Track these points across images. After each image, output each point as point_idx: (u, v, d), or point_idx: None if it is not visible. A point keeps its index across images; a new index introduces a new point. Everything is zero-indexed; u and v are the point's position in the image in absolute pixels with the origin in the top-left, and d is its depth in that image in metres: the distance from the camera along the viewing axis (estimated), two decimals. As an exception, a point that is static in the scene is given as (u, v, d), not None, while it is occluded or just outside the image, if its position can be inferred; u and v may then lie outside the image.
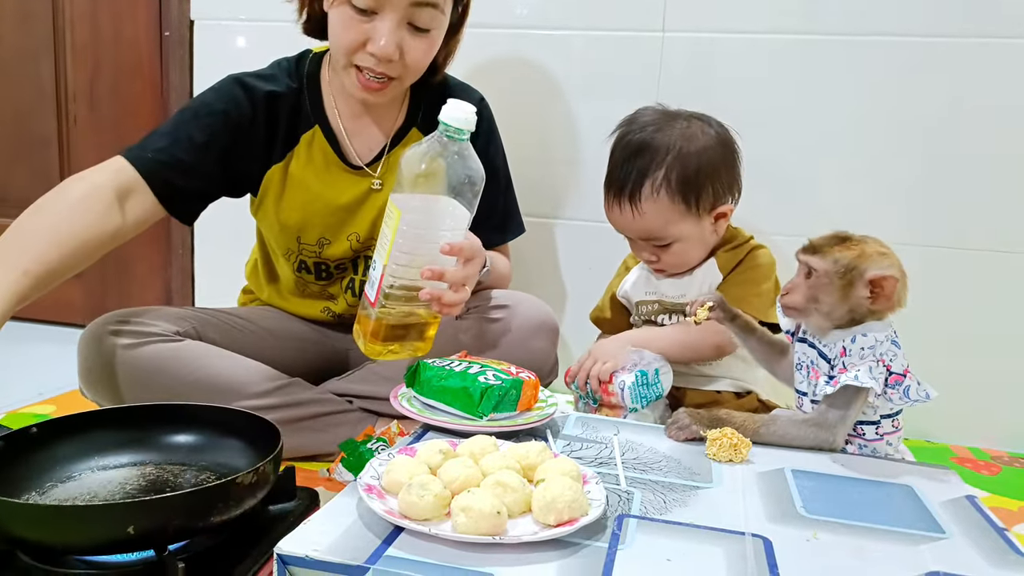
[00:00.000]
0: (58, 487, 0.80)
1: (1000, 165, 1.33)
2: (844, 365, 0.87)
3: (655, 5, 1.43)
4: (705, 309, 0.96)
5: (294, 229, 1.19)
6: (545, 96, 1.46)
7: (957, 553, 0.67)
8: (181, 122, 1.11)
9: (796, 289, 0.90)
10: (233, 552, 0.73)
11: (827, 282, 0.87)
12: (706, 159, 1.13)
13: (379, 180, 1.19)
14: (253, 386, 1.07)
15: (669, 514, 0.71)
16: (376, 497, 0.67)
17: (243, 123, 1.13)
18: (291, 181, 1.17)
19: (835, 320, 0.89)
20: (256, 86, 1.14)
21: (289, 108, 1.16)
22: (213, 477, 0.84)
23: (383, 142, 1.20)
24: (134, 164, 1.06)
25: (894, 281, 0.85)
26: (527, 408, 0.92)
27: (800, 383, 0.94)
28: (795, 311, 0.91)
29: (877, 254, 0.87)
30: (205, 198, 1.15)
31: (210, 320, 1.17)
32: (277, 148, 1.16)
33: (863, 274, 0.86)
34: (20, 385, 1.45)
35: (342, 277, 1.25)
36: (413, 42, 1.07)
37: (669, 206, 1.13)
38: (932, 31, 1.32)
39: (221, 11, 1.64)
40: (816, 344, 0.92)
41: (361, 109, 1.19)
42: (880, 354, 0.86)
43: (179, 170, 1.08)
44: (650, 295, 1.25)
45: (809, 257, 0.89)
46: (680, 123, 1.16)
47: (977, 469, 1.29)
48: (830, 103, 1.38)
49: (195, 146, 1.09)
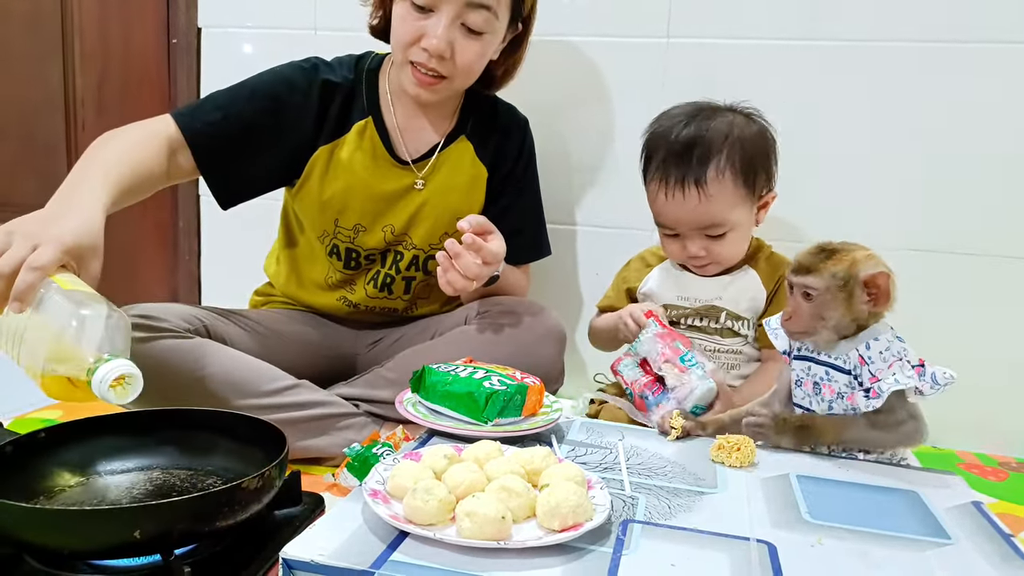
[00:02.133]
0: (66, 492, 0.81)
1: (1004, 169, 1.33)
2: (872, 374, 0.87)
3: (659, 12, 1.43)
4: (677, 418, 0.94)
5: (334, 209, 1.22)
6: (547, 103, 1.47)
7: (963, 559, 0.67)
8: (237, 97, 1.15)
9: (799, 313, 0.90)
10: (238, 556, 0.73)
11: (830, 298, 0.87)
12: (760, 145, 1.18)
13: (422, 180, 1.23)
14: (261, 385, 1.08)
15: (674, 519, 0.71)
16: (381, 502, 0.68)
17: (295, 109, 1.17)
18: (336, 163, 1.21)
19: (841, 332, 0.89)
20: (315, 73, 1.20)
21: (343, 98, 1.21)
22: (219, 482, 0.84)
23: (432, 144, 1.25)
24: (183, 130, 1.10)
25: (887, 277, 0.86)
26: (532, 413, 0.93)
27: (802, 399, 0.94)
28: (804, 335, 0.90)
29: (865, 257, 0.87)
30: (245, 180, 1.18)
31: (219, 320, 1.18)
32: (325, 132, 1.20)
33: (859, 280, 0.86)
34: (28, 390, 1.45)
35: (369, 268, 1.27)
36: (465, 43, 1.12)
37: (733, 189, 1.15)
38: (936, 36, 1.32)
39: (228, 19, 1.65)
40: (825, 359, 0.91)
41: (415, 110, 1.23)
42: (897, 352, 0.87)
43: (225, 145, 1.13)
44: (682, 300, 1.24)
45: (804, 279, 0.88)
46: (724, 113, 1.19)
47: (984, 475, 1.28)
48: (834, 109, 1.38)
49: (244, 125, 1.14)
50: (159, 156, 1.06)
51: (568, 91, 1.50)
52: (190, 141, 1.10)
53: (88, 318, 0.75)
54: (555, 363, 1.19)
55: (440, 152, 1.24)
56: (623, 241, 1.46)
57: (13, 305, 0.76)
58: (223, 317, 1.20)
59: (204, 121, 1.12)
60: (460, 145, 1.26)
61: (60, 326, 0.75)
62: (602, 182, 1.52)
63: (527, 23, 1.23)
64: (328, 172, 1.21)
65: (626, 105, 1.47)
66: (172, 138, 1.09)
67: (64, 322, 0.75)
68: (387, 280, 1.28)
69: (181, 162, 1.10)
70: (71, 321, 0.75)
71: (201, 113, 1.13)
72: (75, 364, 0.73)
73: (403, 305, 1.32)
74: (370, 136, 1.21)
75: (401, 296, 1.30)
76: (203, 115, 1.13)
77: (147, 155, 1.04)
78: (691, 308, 1.23)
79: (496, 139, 1.29)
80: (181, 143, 1.10)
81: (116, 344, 0.75)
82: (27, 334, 0.77)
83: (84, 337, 0.74)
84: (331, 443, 1.11)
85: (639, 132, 1.25)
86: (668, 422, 0.94)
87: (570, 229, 1.54)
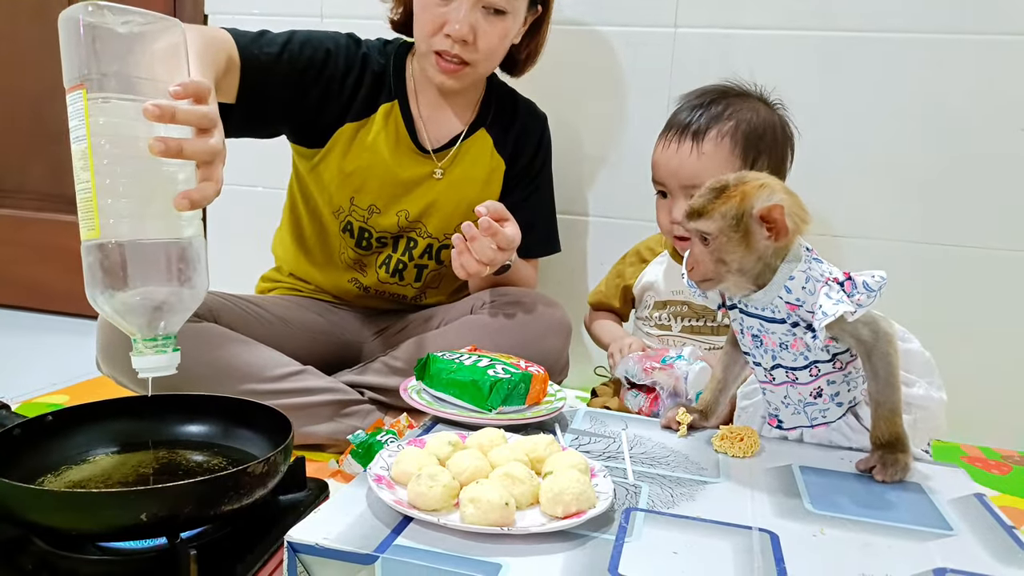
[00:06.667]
0: (72, 469, 0.81)
1: (1012, 163, 1.32)
2: (811, 311, 0.81)
3: (667, 1, 1.42)
4: (684, 415, 0.92)
5: (352, 187, 1.23)
6: (554, 92, 1.46)
7: (965, 550, 0.67)
8: (292, 40, 1.16)
9: (699, 260, 0.84)
10: (244, 540, 0.73)
11: (725, 240, 0.81)
12: (771, 132, 1.18)
13: (441, 169, 1.25)
14: (267, 371, 1.09)
15: (676, 508, 0.71)
16: (386, 487, 0.68)
17: (338, 72, 1.19)
18: (360, 142, 1.22)
19: (751, 275, 0.83)
20: (357, 47, 1.22)
21: (373, 79, 1.22)
22: (226, 463, 0.85)
23: (453, 135, 1.26)
24: (242, 52, 1.09)
25: (780, 209, 0.78)
26: (536, 402, 0.93)
27: (747, 350, 0.90)
28: (709, 282, 0.85)
29: (756, 188, 0.80)
30: (263, 119, 1.17)
31: (226, 305, 1.18)
32: (355, 109, 1.21)
33: (754, 215, 0.79)
34: (35, 374, 1.46)
35: (380, 251, 1.28)
36: (487, 25, 1.14)
37: (728, 156, 1.15)
38: (948, 27, 1.31)
39: (235, 5, 1.65)
40: (755, 311, 0.86)
41: (439, 100, 1.25)
42: (819, 276, 0.81)
43: (271, 80, 1.12)
44: (678, 295, 1.24)
45: (696, 223, 0.82)
46: (752, 100, 1.20)
47: (988, 468, 1.28)
48: (843, 100, 1.38)
49: (295, 67, 1.15)
50: (222, 68, 1.03)
51: (574, 80, 1.50)
52: (244, 66, 1.09)
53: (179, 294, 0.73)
54: (560, 355, 1.20)
55: (461, 143, 1.25)
56: (629, 232, 1.46)
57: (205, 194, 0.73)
58: (229, 302, 1.20)
59: (264, 51, 1.12)
60: (480, 137, 1.27)
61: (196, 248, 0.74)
62: (607, 172, 1.52)
63: (547, 4, 1.24)
64: (351, 149, 1.22)
65: (632, 95, 1.47)
66: (232, 58, 1.08)
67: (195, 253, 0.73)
68: (399, 266, 1.28)
69: (229, 83, 1.08)
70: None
71: (261, 43, 1.12)
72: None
73: (413, 292, 1.32)
74: (395, 121, 1.23)
75: (412, 283, 1.31)
76: (263, 45, 1.12)
77: (218, 65, 1.02)
78: (689, 308, 1.22)
79: (515, 133, 1.30)
80: (236, 65, 1.09)
81: (172, 325, 0.74)
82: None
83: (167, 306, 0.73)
84: (336, 429, 1.11)
85: (645, 121, 1.26)
86: (674, 421, 0.94)
87: (573, 219, 1.54)
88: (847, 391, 0.88)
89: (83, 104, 0.68)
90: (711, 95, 1.20)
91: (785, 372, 0.87)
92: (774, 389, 0.90)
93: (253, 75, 1.10)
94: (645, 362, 1.13)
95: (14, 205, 1.91)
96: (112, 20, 0.68)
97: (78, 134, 0.68)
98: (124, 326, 0.73)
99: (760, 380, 0.91)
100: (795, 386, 0.88)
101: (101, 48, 0.68)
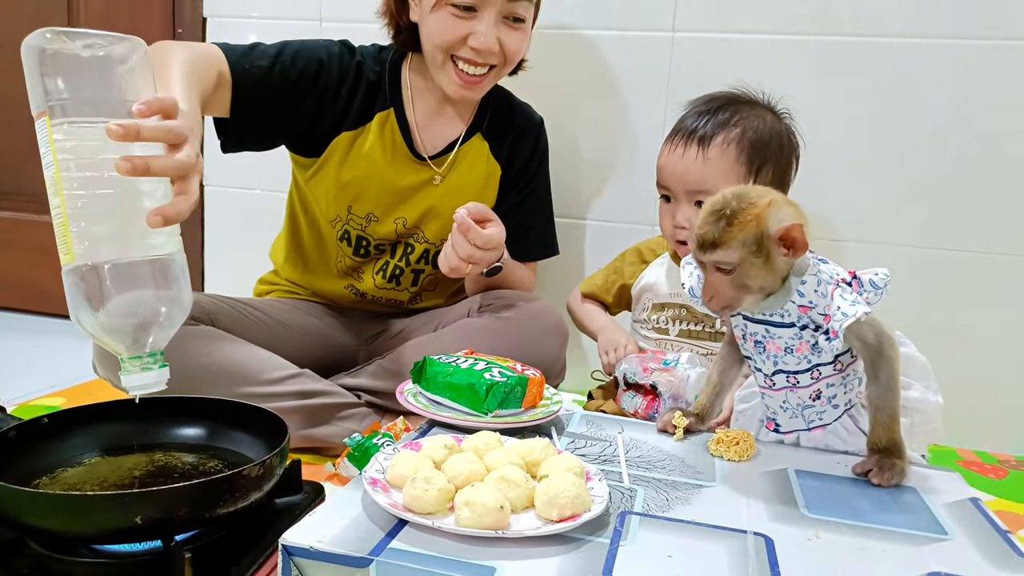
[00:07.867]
0: (67, 472, 0.81)
1: (1010, 167, 1.33)
2: (824, 314, 0.81)
3: (665, 5, 1.43)
4: (680, 419, 0.92)
5: (349, 196, 1.23)
6: (553, 95, 1.46)
7: (960, 554, 0.67)
8: (284, 52, 1.15)
9: (719, 289, 0.82)
10: (239, 543, 0.73)
11: (748, 267, 0.79)
12: (780, 140, 1.18)
13: (440, 175, 1.25)
14: (264, 374, 1.09)
15: (672, 512, 0.71)
16: (381, 490, 0.68)
17: (332, 81, 1.19)
18: (357, 151, 1.22)
19: (769, 291, 0.82)
20: (351, 55, 1.22)
21: (368, 86, 1.22)
22: (221, 466, 0.85)
23: (449, 141, 1.26)
24: (233, 67, 1.09)
25: (800, 227, 0.78)
26: (532, 405, 0.93)
27: (748, 354, 0.90)
28: (731, 308, 0.83)
29: (766, 208, 0.79)
30: (260, 132, 1.17)
31: (223, 308, 1.19)
32: (351, 117, 1.21)
33: (773, 237, 0.79)
34: (32, 377, 1.46)
35: (378, 258, 1.28)
36: (510, 34, 1.16)
37: (734, 163, 1.15)
38: (944, 32, 1.32)
39: (234, 8, 1.65)
40: (760, 317, 0.85)
41: (435, 107, 1.25)
42: (829, 278, 0.81)
43: (263, 94, 1.12)
44: (676, 297, 1.24)
45: (714, 255, 0.80)
46: (762, 105, 1.21)
47: (984, 473, 1.28)
48: (842, 104, 1.38)
49: (287, 80, 1.15)
50: (211, 83, 1.04)
51: (572, 84, 1.50)
52: (236, 80, 1.09)
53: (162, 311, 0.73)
54: (557, 358, 1.20)
55: (457, 149, 1.26)
56: (626, 235, 1.46)
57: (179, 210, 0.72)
58: (226, 305, 1.20)
59: (255, 65, 1.12)
60: (476, 143, 1.28)
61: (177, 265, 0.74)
62: (605, 175, 1.52)
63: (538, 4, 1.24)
64: (348, 159, 1.22)
65: (631, 99, 1.47)
66: (222, 73, 1.08)
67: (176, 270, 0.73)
68: (396, 271, 1.28)
69: (220, 98, 1.09)
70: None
71: (252, 56, 1.12)
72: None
73: (408, 297, 1.32)
74: (391, 128, 1.23)
75: (408, 288, 1.31)
76: (254, 59, 1.12)
77: (206, 80, 1.02)
78: (688, 312, 1.22)
79: (511, 138, 1.30)
80: (227, 80, 1.09)
81: (159, 342, 0.74)
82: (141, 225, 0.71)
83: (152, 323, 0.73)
84: (332, 433, 1.11)
85: (643, 125, 1.26)
86: (670, 424, 0.94)
87: (571, 223, 1.54)
88: (844, 393, 0.88)
89: (47, 131, 0.68)
90: (719, 101, 1.20)
91: (786, 377, 0.87)
92: (773, 394, 0.90)
93: (245, 89, 1.10)
94: (645, 362, 1.13)
95: (12, 207, 1.91)
96: (72, 45, 0.68)
97: (47, 161, 0.69)
98: (111, 346, 0.73)
99: (760, 385, 0.91)
100: (795, 390, 0.88)
101: (63, 74, 0.68)
